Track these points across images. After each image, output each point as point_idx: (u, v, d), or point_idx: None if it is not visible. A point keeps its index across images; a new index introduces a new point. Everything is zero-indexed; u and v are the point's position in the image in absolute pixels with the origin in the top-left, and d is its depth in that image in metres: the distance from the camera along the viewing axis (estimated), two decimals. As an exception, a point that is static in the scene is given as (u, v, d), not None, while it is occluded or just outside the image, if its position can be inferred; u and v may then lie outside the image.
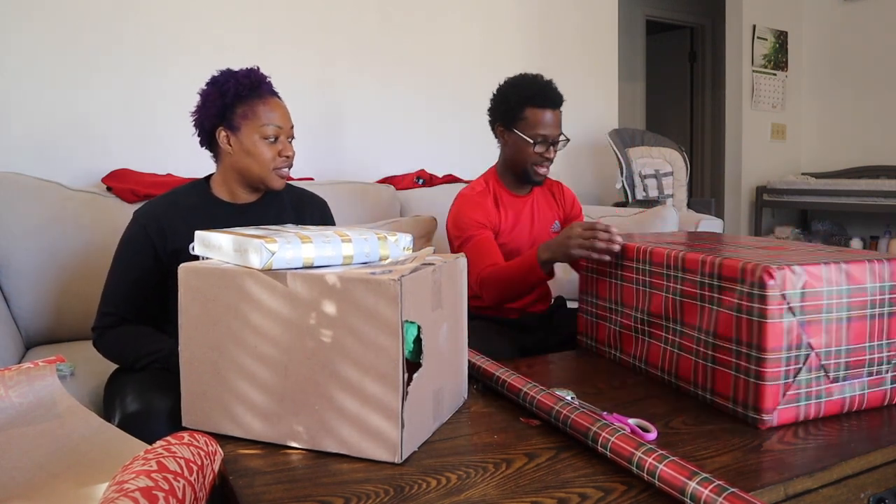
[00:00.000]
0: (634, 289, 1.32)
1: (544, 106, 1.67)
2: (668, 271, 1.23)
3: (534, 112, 1.67)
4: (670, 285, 1.22)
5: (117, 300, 1.36)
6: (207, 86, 1.39)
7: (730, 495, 0.75)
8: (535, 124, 1.67)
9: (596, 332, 1.46)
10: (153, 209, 1.39)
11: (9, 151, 2.05)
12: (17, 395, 0.99)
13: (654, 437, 1.00)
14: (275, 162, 1.38)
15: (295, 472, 0.91)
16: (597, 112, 3.43)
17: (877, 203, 3.60)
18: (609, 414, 1.04)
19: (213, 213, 1.41)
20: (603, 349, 1.44)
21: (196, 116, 1.40)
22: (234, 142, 1.37)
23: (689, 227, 2.53)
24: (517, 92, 1.70)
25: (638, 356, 1.32)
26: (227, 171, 1.42)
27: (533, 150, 1.69)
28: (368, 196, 2.40)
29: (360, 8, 2.69)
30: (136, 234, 1.37)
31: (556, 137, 1.70)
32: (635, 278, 1.31)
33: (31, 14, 2.06)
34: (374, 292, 0.90)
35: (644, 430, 1.02)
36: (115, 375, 1.36)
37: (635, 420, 1.04)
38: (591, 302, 1.47)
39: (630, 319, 1.34)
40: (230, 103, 1.36)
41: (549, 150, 1.70)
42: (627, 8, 4.54)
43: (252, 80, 1.38)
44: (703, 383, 1.15)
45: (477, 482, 0.87)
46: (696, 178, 5.41)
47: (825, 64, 4.29)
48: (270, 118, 1.37)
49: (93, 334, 1.37)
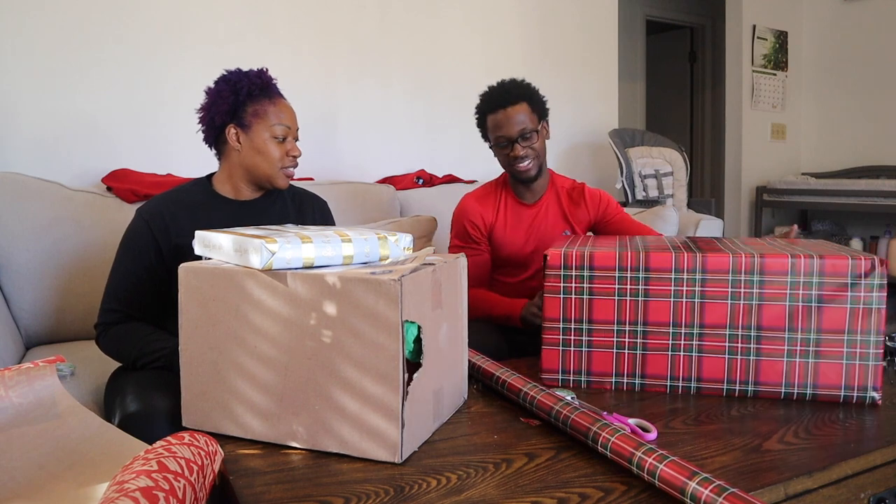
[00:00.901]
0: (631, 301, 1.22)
1: (496, 108, 1.68)
2: (683, 275, 1.19)
3: (491, 118, 1.69)
4: (685, 289, 1.19)
5: (120, 297, 1.36)
6: (218, 83, 1.40)
7: (730, 495, 0.75)
8: (494, 128, 1.69)
9: (588, 363, 1.26)
10: (156, 206, 1.40)
11: (9, 151, 2.05)
12: (17, 395, 0.99)
13: (654, 438, 1.00)
14: (283, 161, 1.41)
15: (295, 472, 0.91)
16: (597, 112, 3.43)
17: (877, 203, 3.60)
18: (609, 414, 1.04)
19: (216, 209, 1.42)
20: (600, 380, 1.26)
21: (204, 113, 1.41)
22: (243, 139, 1.40)
23: (689, 227, 2.53)
24: (479, 107, 1.74)
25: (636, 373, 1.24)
26: (234, 168, 1.43)
27: (503, 153, 1.70)
28: (368, 196, 2.40)
29: (361, 8, 2.69)
30: (139, 230, 1.38)
31: (515, 135, 1.66)
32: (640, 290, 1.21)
33: (32, 14, 2.06)
34: (374, 292, 0.90)
35: (644, 430, 1.02)
36: (115, 375, 1.36)
37: (635, 420, 1.04)
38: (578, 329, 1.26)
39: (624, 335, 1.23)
40: (243, 101, 1.38)
41: (514, 148, 1.67)
42: (627, 8, 4.55)
43: (263, 80, 1.41)
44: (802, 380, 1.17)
45: (477, 482, 0.87)
46: (696, 178, 5.41)
47: (825, 64, 4.29)
48: (280, 118, 1.40)
49: (95, 331, 1.37)
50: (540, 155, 1.71)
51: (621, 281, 1.20)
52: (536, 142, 1.69)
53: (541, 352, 1.27)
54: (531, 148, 1.68)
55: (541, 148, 1.71)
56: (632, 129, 3.48)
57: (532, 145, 1.68)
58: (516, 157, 1.67)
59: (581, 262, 1.22)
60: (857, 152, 4.12)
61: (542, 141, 1.72)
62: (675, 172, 3.29)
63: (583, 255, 1.22)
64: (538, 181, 1.77)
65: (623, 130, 3.34)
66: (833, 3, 4.21)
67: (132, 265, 1.37)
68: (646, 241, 1.36)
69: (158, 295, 1.38)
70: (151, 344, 1.29)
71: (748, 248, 1.24)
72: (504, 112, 1.66)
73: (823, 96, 4.31)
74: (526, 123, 1.67)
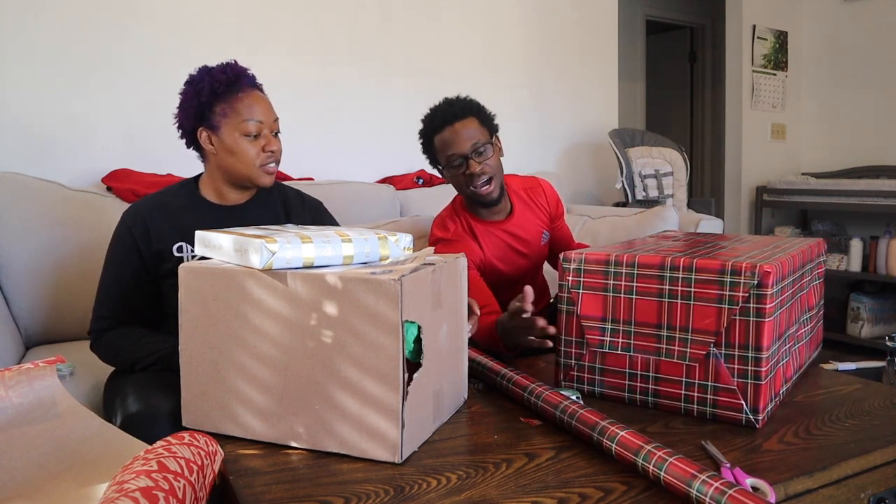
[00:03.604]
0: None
1: (443, 126, 1.55)
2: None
3: (438, 138, 1.57)
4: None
5: (111, 302, 1.34)
6: (185, 86, 1.35)
7: (738, 491, 0.76)
8: (443, 148, 1.56)
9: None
10: (139, 209, 1.37)
11: (9, 151, 2.05)
12: (17, 395, 0.99)
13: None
14: (259, 158, 1.34)
15: (295, 472, 0.91)
16: (597, 112, 3.43)
17: (877, 203, 3.60)
18: (731, 468, 0.90)
19: (200, 215, 1.37)
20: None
21: (177, 118, 1.37)
22: (216, 141, 1.34)
23: (690, 228, 2.53)
24: (422, 131, 1.61)
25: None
26: (214, 172, 1.39)
27: (457, 173, 1.56)
28: (368, 196, 2.40)
29: (361, 8, 2.69)
30: (122, 234, 1.36)
31: (468, 150, 1.53)
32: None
33: (33, 15, 2.06)
34: (374, 292, 0.90)
35: (755, 489, 0.86)
36: (114, 376, 1.36)
37: (752, 480, 0.87)
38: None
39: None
40: (207, 102, 1.31)
41: (469, 165, 1.53)
42: (627, 8, 4.54)
43: (229, 75, 1.33)
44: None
45: (477, 482, 0.87)
46: (696, 178, 5.41)
47: (825, 64, 4.29)
48: (251, 113, 1.32)
49: (89, 338, 1.35)
50: (497, 173, 1.59)
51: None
52: (491, 157, 1.56)
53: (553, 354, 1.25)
54: (487, 164, 1.55)
55: (497, 165, 1.59)
56: (632, 129, 3.48)
57: (487, 161, 1.55)
58: (472, 174, 1.54)
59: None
60: (857, 152, 4.11)
61: (496, 157, 1.59)
62: (675, 172, 3.29)
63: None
64: (501, 202, 1.64)
65: (623, 130, 3.34)
66: (833, 3, 4.20)
67: (118, 270, 1.35)
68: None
69: (148, 299, 1.36)
70: (147, 346, 1.28)
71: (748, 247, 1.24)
72: (452, 128, 1.54)
73: (823, 96, 4.30)
74: (477, 137, 1.54)
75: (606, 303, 1.14)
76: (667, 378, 1.10)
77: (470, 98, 1.62)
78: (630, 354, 1.14)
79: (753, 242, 1.32)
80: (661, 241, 1.37)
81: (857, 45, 4.08)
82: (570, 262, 1.17)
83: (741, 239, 1.39)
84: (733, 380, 1.05)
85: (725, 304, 1.04)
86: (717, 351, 1.06)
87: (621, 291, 1.13)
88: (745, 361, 1.03)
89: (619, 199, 3.33)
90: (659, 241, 1.37)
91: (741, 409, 1.05)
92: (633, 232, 2.40)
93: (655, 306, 1.10)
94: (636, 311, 1.12)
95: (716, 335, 1.05)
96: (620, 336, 1.14)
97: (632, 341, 1.13)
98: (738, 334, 1.03)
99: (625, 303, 1.13)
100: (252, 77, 1.38)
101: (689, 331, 1.07)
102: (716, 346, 1.06)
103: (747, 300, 1.02)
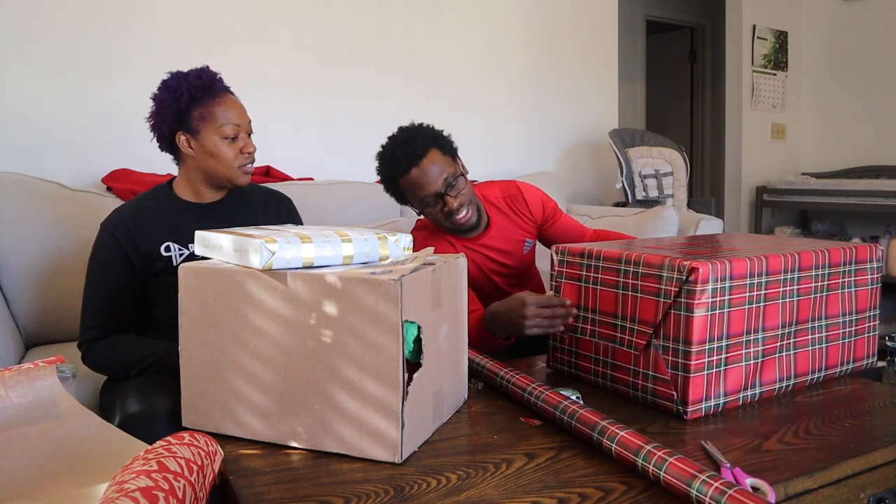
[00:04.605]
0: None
1: (407, 169, 1.47)
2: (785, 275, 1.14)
3: (404, 181, 1.49)
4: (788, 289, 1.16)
5: (99, 311, 1.34)
6: (160, 90, 1.38)
7: (738, 491, 0.76)
8: (413, 190, 1.49)
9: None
10: (119, 216, 1.39)
11: (9, 151, 2.05)
12: (17, 395, 0.99)
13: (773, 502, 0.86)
14: (238, 160, 1.39)
15: (295, 472, 0.91)
16: (597, 112, 3.43)
17: (877, 203, 3.60)
18: (731, 468, 0.90)
19: (179, 214, 1.41)
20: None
21: (152, 122, 1.39)
22: (195, 145, 1.38)
23: (690, 228, 2.53)
24: (383, 173, 1.55)
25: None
26: (192, 173, 1.42)
27: (434, 211, 1.51)
28: (368, 196, 2.40)
29: (361, 8, 2.69)
30: (105, 242, 1.36)
31: (441, 187, 1.47)
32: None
33: (34, 15, 2.06)
34: (374, 292, 0.90)
35: (756, 489, 0.87)
36: (110, 380, 1.36)
37: (752, 480, 0.88)
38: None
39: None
40: (185, 107, 1.35)
41: (446, 202, 1.48)
42: (627, 8, 4.54)
43: (204, 80, 1.37)
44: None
45: (477, 482, 0.87)
46: (696, 178, 5.41)
47: (825, 64, 4.29)
48: (228, 117, 1.37)
49: (80, 350, 1.35)
50: (472, 197, 1.54)
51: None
52: (464, 186, 1.50)
53: (548, 352, 1.31)
54: (462, 195, 1.49)
55: (470, 190, 1.53)
56: (632, 129, 3.48)
57: (462, 191, 1.49)
58: (451, 211, 1.48)
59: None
60: (857, 152, 4.12)
61: (466, 180, 1.52)
62: (675, 172, 3.29)
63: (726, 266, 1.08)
64: (481, 221, 1.60)
65: (623, 130, 3.34)
66: (833, 3, 4.20)
67: (105, 278, 1.35)
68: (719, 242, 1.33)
69: (136, 305, 1.37)
70: (140, 351, 1.29)
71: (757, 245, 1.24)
72: (418, 168, 1.46)
73: (823, 96, 4.31)
74: (445, 170, 1.47)
75: (580, 292, 1.24)
76: (620, 365, 1.18)
77: (422, 126, 1.54)
78: (595, 341, 1.23)
79: (762, 243, 1.32)
80: (663, 241, 1.39)
81: (857, 45, 4.08)
82: (558, 254, 1.29)
83: (757, 239, 1.41)
84: (668, 371, 1.09)
85: (661, 298, 1.09)
86: (657, 342, 1.10)
87: (590, 282, 1.22)
88: (677, 354, 1.07)
89: (619, 199, 3.33)
90: (661, 241, 1.39)
91: (673, 399, 1.09)
92: (632, 232, 2.40)
93: (613, 297, 1.18)
94: (600, 301, 1.21)
95: (654, 326, 1.10)
96: (589, 323, 1.23)
97: (597, 328, 1.22)
98: (672, 327, 1.08)
99: (592, 293, 1.22)
100: (222, 81, 1.43)
101: (637, 321, 1.13)
102: (655, 336, 1.11)
103: (678, 294, 1.06)
